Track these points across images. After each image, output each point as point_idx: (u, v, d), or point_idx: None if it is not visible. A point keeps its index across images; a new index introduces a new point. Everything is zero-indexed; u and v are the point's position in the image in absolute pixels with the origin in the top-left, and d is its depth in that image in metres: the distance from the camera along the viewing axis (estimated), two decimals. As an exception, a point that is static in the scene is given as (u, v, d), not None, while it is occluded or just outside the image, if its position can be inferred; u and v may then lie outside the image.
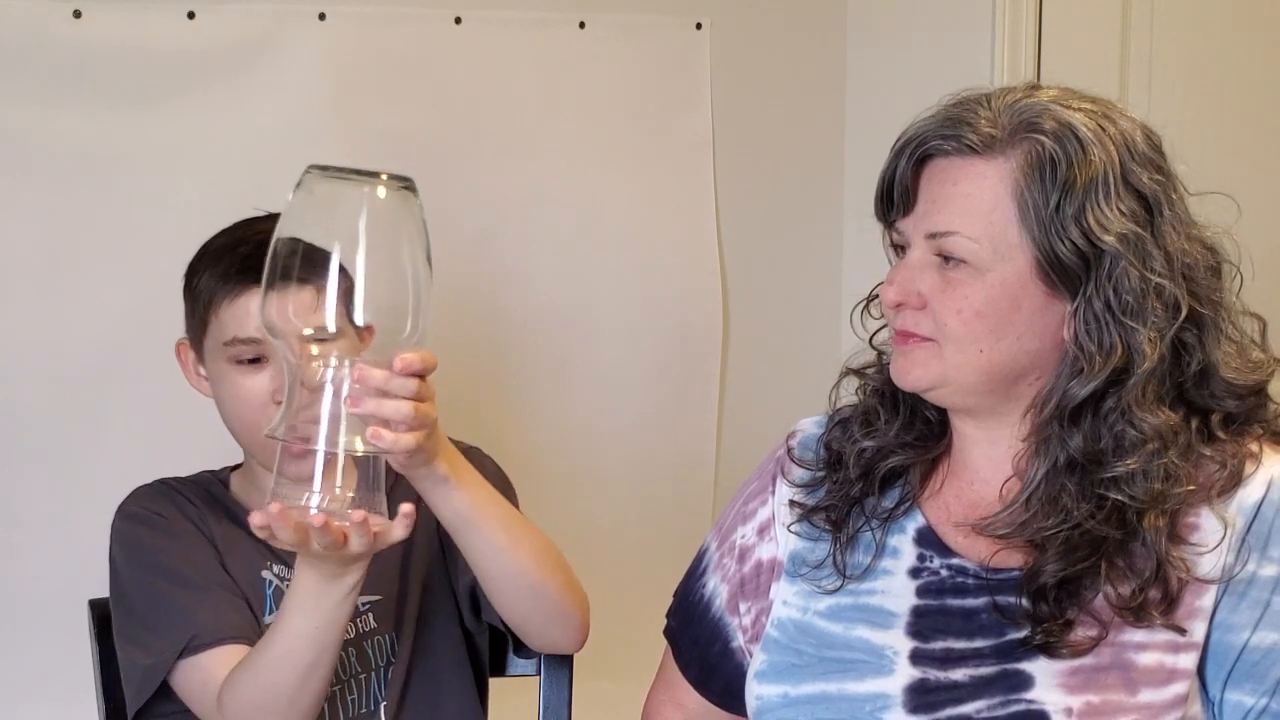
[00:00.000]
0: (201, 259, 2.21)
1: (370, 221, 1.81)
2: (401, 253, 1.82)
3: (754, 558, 1.97)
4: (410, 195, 1.83)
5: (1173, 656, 1.76)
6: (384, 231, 1.81)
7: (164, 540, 2.18)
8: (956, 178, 1.78)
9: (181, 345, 2.26)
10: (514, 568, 2.07)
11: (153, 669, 2.12)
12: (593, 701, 2.48)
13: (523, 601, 2.11)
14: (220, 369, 2.17)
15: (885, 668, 1.83)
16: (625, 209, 3.16)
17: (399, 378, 1.83)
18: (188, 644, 2.10)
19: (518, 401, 3.08)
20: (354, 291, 1.78)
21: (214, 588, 2.15)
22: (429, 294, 1.82)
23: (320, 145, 2.83)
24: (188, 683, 2.11)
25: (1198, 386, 1.79)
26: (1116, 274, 1.74)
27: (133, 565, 2.19)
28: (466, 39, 2.98)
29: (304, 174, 1.83)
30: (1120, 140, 1.76)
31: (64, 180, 2.70)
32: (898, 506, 1.89)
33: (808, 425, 1.99)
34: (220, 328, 2.16)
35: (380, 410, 1.83)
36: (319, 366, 1.82)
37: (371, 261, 1.79)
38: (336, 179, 1.82)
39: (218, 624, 2.11)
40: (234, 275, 2.15)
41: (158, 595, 2.15)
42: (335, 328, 1.81)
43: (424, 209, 1.84)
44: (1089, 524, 1.75)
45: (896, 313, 1.83)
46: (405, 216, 1.82)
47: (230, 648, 2.09)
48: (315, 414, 1.82)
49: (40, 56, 2.67)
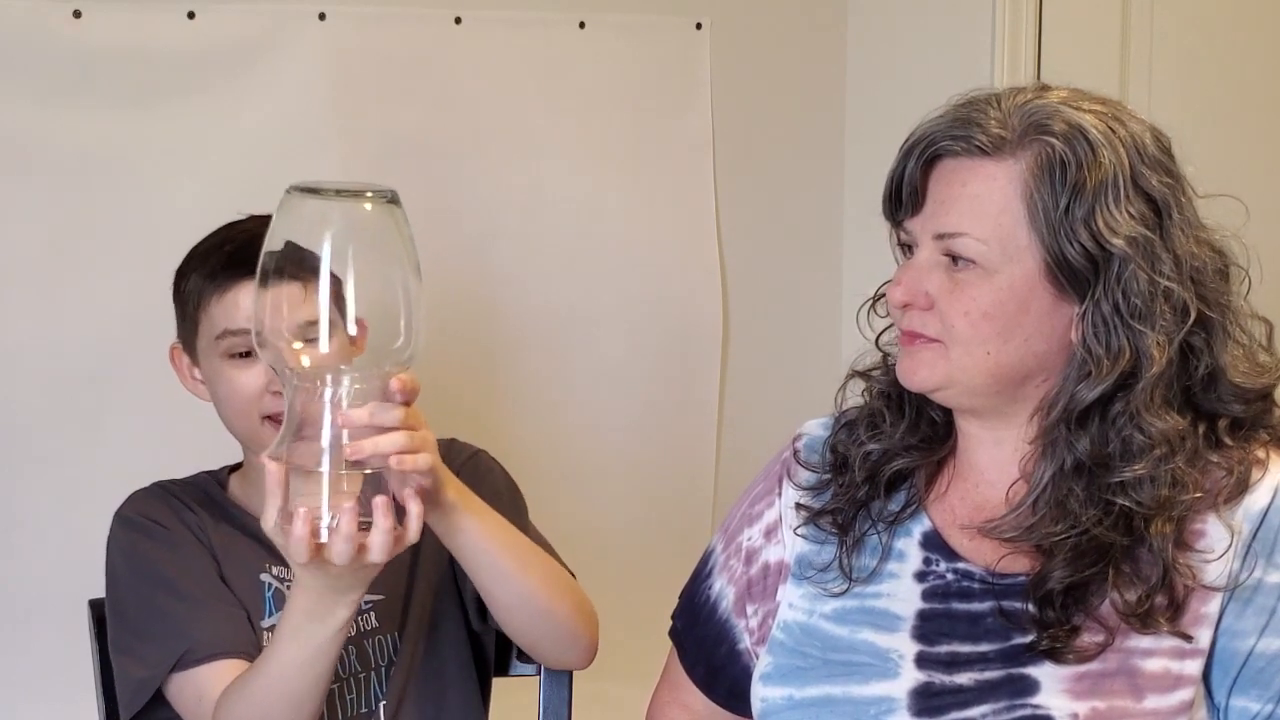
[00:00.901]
0: (188, 262, 2.23)
1: (356, 238, 1.80)
2: (390, 266, 1.81)
3: (761, 560, 1.96)
4: (395, 208, 1.82)
5: (1179, 663, 1.75)
6: (371, 246, 1.81)
7: (161, 550, 2.18)
8: (965, 179, 1.78)
9: (175, 349, 2.26)
10: (523, 592, 2.08)
11: (145, 681, 2.13)
12: (593, 701, 2.48)
13: (533, 626, 2.12)
14: (214, 366, 2.18)
15: (890, 671, 1.82)
16: (625, 209, 3.16)
17: (380, 410, 1.83)
18: (181, 657, 2.10)
19: (518, 401, 3.07)
20: (343, 301, 1.78)
21: (210, 599, 2.15)
22: (420, 304, 1.82)
23: (320, 145, 2.83)
24: (181, 695, 2.12)
25: (1205, 390, 1.79)
26: (1125, 277, 1.74)
27: (129, 575, 2.19)
28: (466, 39, 2.98)
29: (285, 194, 1.82)
30: (1130, 143, 1.76)
31: (64, 180, 2.70)
32: (904, 509, 1.88)
33: (813, 427, 1.99)
34: (211, 323, 2.17)
35: (379, 449, 1.83)
36: (317, 386, 1.81)
37: (360, 276, 1.79)
38: (318, 197, 1.82)
39: (212, 638, 2.11)
40: (221, 271, 2.16)
41: (153, 606, 2.15)
42: (328, 322, 1.80)
43: (408, 219, 1.83)
44: (1096, 530, 1.75)
45: (903, 313, 1.82)
46: (391, 230, 1.82)
47: (225, 662, 2.09)
48: (317, 435, 1.82)
49: (40, 56, 2.67)
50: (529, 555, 2.10)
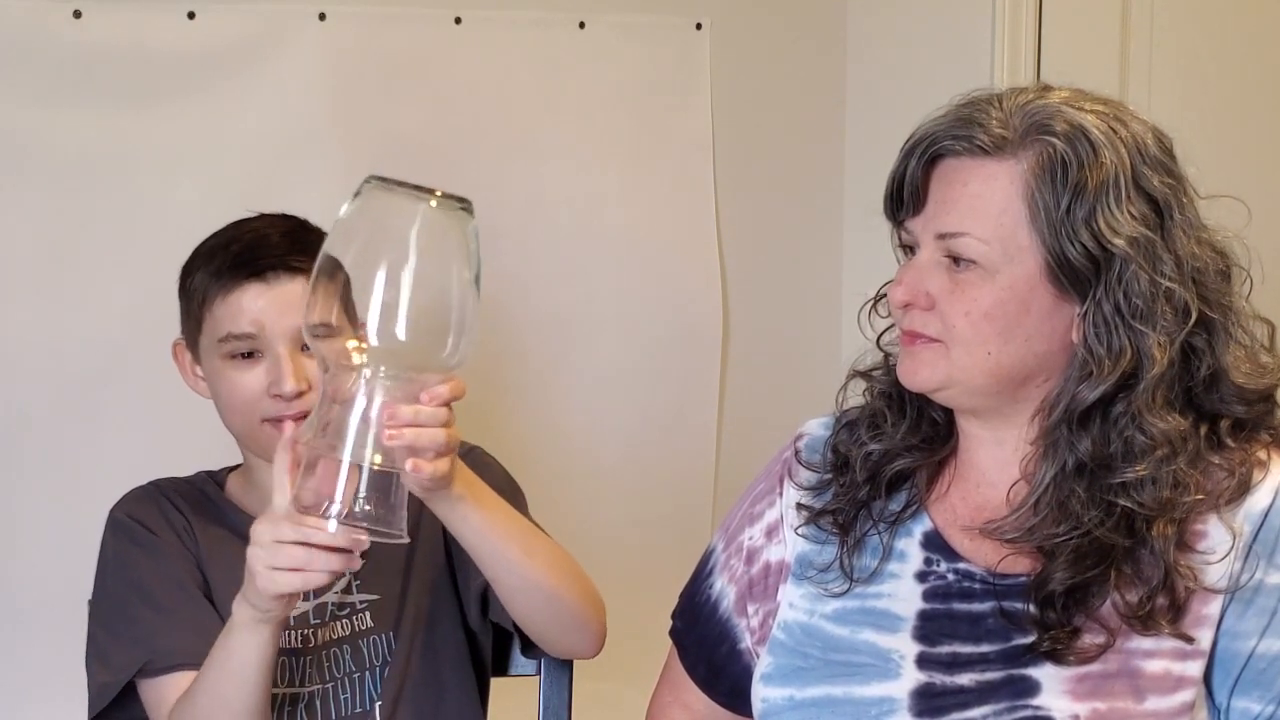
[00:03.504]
0: (194, 259, 2.23)
1: (421, 237, 1.81)
2: (449, 271, 1.82)
3: (762, 559, 1.96)
4: (466, 216, 1.83)
5: (1180, 664, 1.75)
6: (433, 248, 1.82)
7: (142, 555, 2.19)
8: (967, 178, 1.78)
9: (178, 346, 2.27)
10: (531, 580, 2.08)
11: (107, 686, 2.14)
12: (592, 702, 2.48)
13: (541, 612, 2.12)
14: (216, 366, 2.18)
15: (891, 672, 1.82)
16: (625, 209, 3.16)
17: (427, 409, 1.85)
18: (143, 666, 2.12)
19: (517, 401, 3.07)
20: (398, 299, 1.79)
21: (182, 608, 2.15)
22: (474, 317, 1.83)
23: (320, 145, 2.83)
24: (146, 700, 2.14)
25: (1207, 391, 1.79)
26: (1126, 277, 1.74)
27: (109, 577, 2.20)
28: (466, 39, 2.98)
29: (363, 184, 1.84)
30: (1131, 143, 1.76)
31: (64, 180, 2.69)
32: (904, 510, 1.88)
33: (814, 427, 1.99)
34: (215, 324, 2.17)
35: (418, 440, 1.84)
36: (354, 377, 1.82)
37: (418, 277, 1.79)
38: (394, 191, 1.83)
39: (177, 648, 2.11)
40: (226, 272, 2.16)
41: (126, 612, 2.16)
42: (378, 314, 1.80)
43: (478, 233, 1.84)
44: (1098, 531, 1.75)
45: (904, 313, 1.83)
46: (457, 236, 1.83)
47: (185, 674, 2.09)
48: (345, 425, 1.82)
49: (40, 56, 2.66)
50: (535, 542, 2.11)
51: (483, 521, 2.03)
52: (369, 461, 1.83)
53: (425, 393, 1.85)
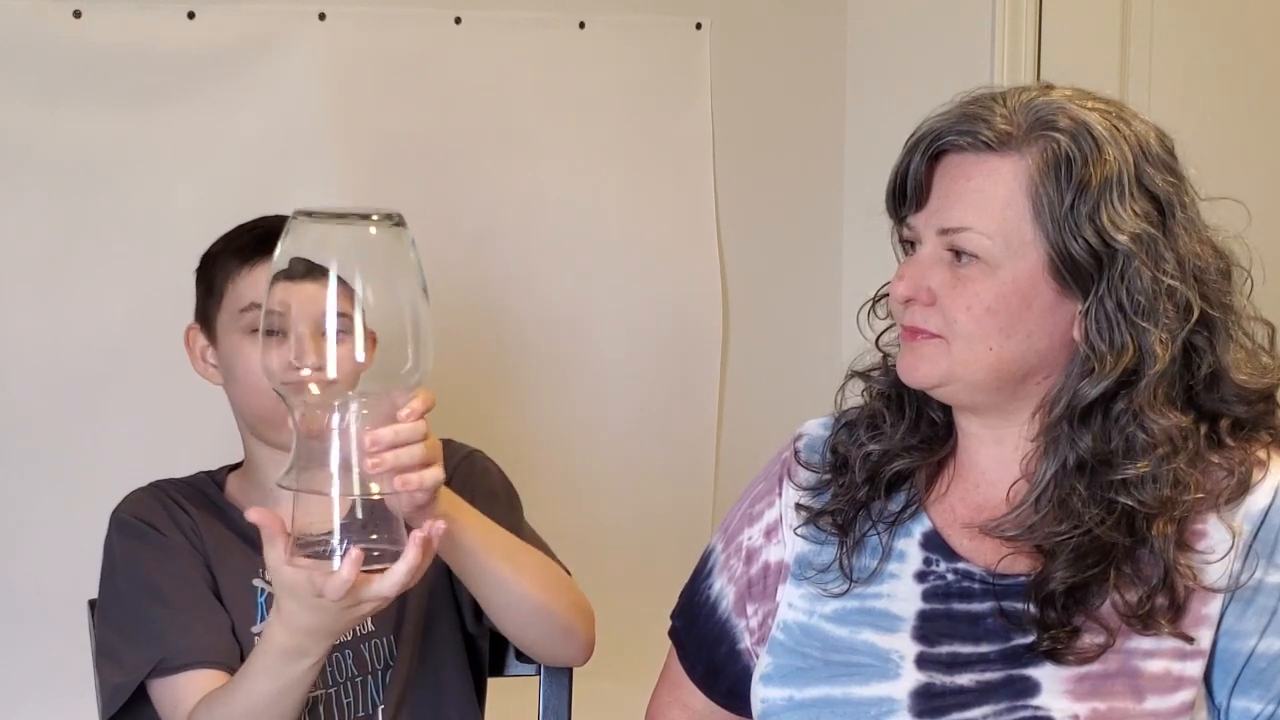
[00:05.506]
0: (215, 246, 2.25)
1: (362, 262, 1.79)
2: (398, 290, 1.80)
3: (761, 560, 1.96)
4: (401, 230, 1.81)
5: (1180, 664, 1.75)
6: (378, 271, 1.80)
7: (151, 555, 2.18)
8: (971, 174, 1.78)
9: (191, 330, 2.26)
10: (519, 594, 2.09)
11: (121, 687, 2.14)
12: (592, 702, 2.48)
13: (530, 626, 2.14)
14: (234, 342, 2.18)
15: (891, 672, 1.82)
16: (625, 209, 3.16)
17: (406, 426, 1.84)
18: (157, 665, 2.11)
19: (517, 401, 3.07)
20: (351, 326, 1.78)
21: (194, 608, 2.15)
22: (428, 326, 1.81)
23: (320, 145, 2.84)
24: (160, 700, 2.13)
25: (1208, 390, 1.79)
26: (1129, 274, 1.74)
27: (118, 578, 2.20)
28: (466, 39, 2.98)
29: (290, 219, 1.81)
30: (1134, 141, 1.76)
31: (64, 180, 2.70)
32: (904, 510, 1.88)
33: (814, 427, 1.99)
34: (237, 295, 2.18)
35: (399, 460, 1.83)
36: (325, 414, 1.80)
37: (367, 301, 1.78)
38: (325, 222, 1.81)
39: (191, 646, 2.11)
40: (250, 247, 2.18)
41: (137, 612, 2.16)
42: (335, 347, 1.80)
43: (415, 242, 1.82)
44: (1098, 530, 1.75)
45: (905, 308, 1.82)
46: (398, 253, 1.81)
47: (202, 672, 2.09)
48: (326, 461, 1.80)
49: (40, 56, 2.67)
50: (522, 557, 2.12)
51: (467, 540, 2.04)
52: (357, 491, 1.81)
53: (402, 410, 1.83)
